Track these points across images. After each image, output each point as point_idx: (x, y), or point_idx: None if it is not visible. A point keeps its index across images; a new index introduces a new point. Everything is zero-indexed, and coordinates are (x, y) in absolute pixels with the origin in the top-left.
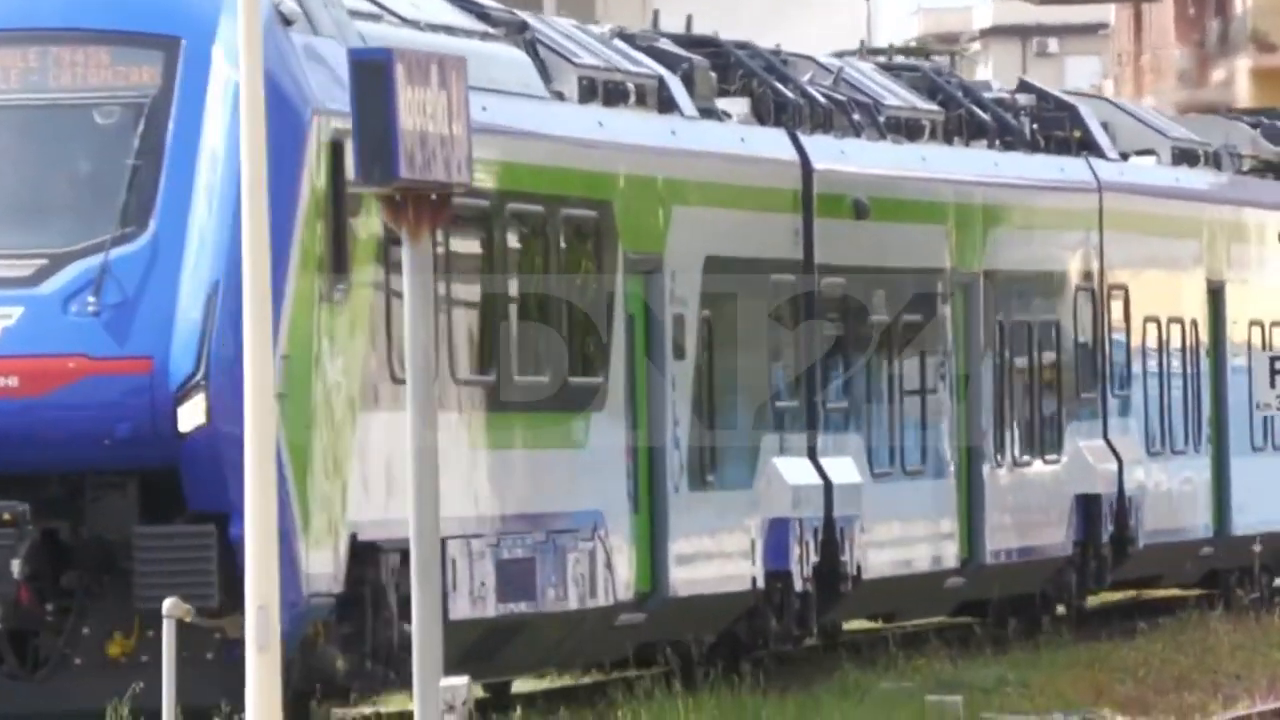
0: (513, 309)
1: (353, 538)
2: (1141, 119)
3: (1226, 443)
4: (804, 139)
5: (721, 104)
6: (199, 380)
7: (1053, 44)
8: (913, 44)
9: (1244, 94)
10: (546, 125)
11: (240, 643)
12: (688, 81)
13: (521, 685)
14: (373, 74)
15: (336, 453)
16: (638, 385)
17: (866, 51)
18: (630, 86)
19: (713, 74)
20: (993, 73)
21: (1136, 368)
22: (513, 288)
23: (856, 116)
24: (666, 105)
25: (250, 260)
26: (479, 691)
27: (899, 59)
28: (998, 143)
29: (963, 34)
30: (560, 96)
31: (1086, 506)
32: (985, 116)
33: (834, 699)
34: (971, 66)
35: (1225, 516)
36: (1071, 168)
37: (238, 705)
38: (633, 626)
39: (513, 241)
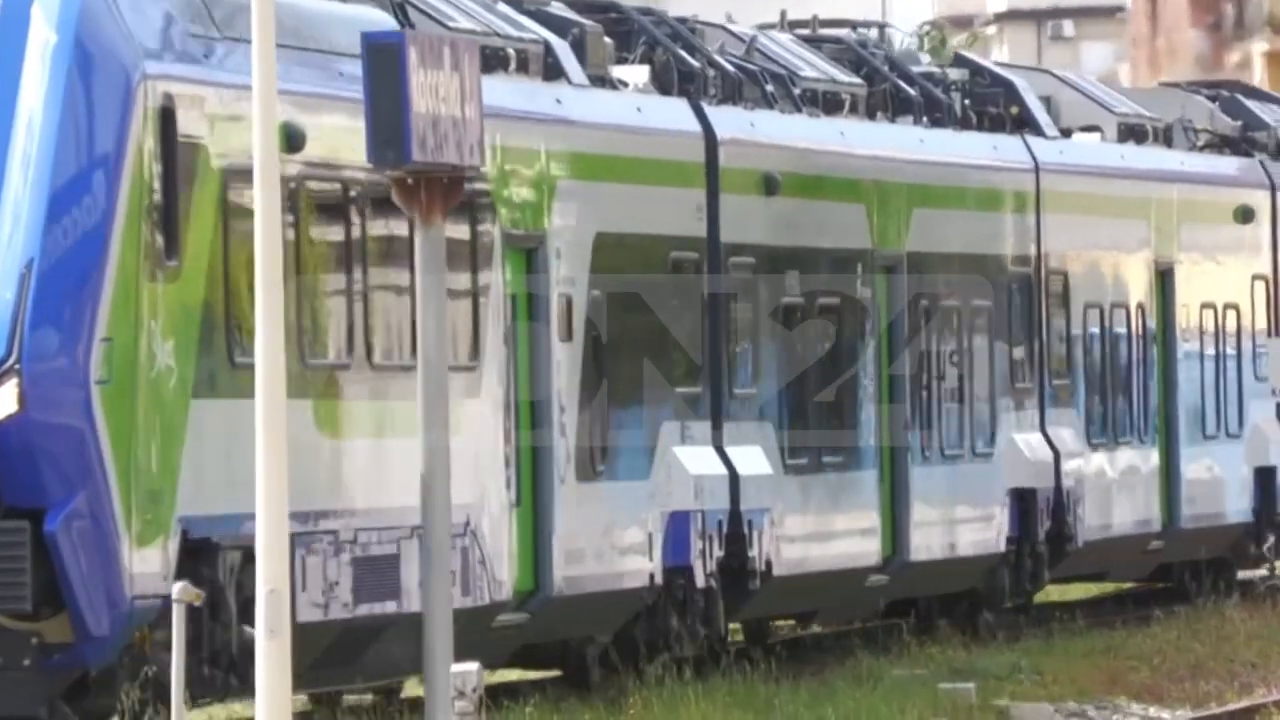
0: (373, 289)
1: (184, 535)
2: (1087, 93)
3: (1176, 432)
4: (709, 109)
5: (619, 72)
6: (11, 365)
7: (1068, 27)
8: (927, 28)
9: (1260, 77)
10: None
11: (60, 648)
12: (578, 48)
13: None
14: (385, 57)
15: (166, 443)
16: (520, 370)
17: (788, 24)
18: (511, 52)
19: (609, 40)
20: (1008, 56)
21: (1077, 356)
22: (372, 266)
23: (770, 88)
24: (553, 73)
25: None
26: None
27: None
28: (925, 119)
29: (977, 17)
30: None
31: (1021, 502)
32: (913, 91)
33: (847, 686)
34: (986, 49)
35: (1175, 509)
36: (1006, 146)
37: (60, 714)
38: (514, 627)
39: (372, 218)
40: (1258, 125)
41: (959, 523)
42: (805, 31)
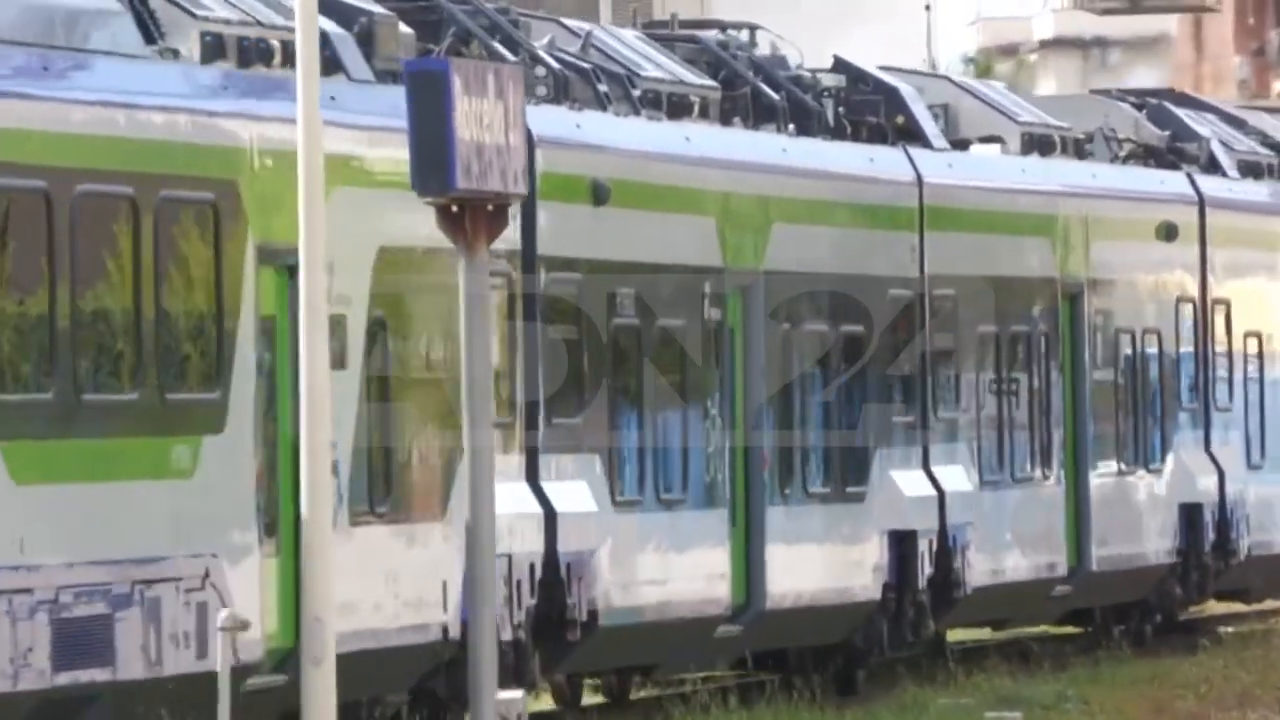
0: (87, 311)
1: None
2: (989, 102)
3: (1087, 467)
4: (528, 108)
5: None
6: None
7: (1114, 55)
8: (971, 56)
9: None
10: (134, 88)
11: None
12: (365, 39)
13: None
14: (429, 84)
15: None
16: (280, 401)
17: (643, 25)
18: (274, 44)
19: (409, 31)
20: (1054, 84)
21: (968, 385)
22: (86, 286)
23: (604, 88)
24: (329, 67)
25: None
26: None
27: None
28: (791, 127)
29: (1023, 45)
30: (173, 55)
31: (900, 545)
32: (776, 97)
33: (892, 715)
34: (1031, 78)
35: (1084, 550)
36: (885, 158)
37: None
38: (269, 690)
39: (86, 228)
40: (1188, 136)
41: (826, 568)
42: (662, 31)
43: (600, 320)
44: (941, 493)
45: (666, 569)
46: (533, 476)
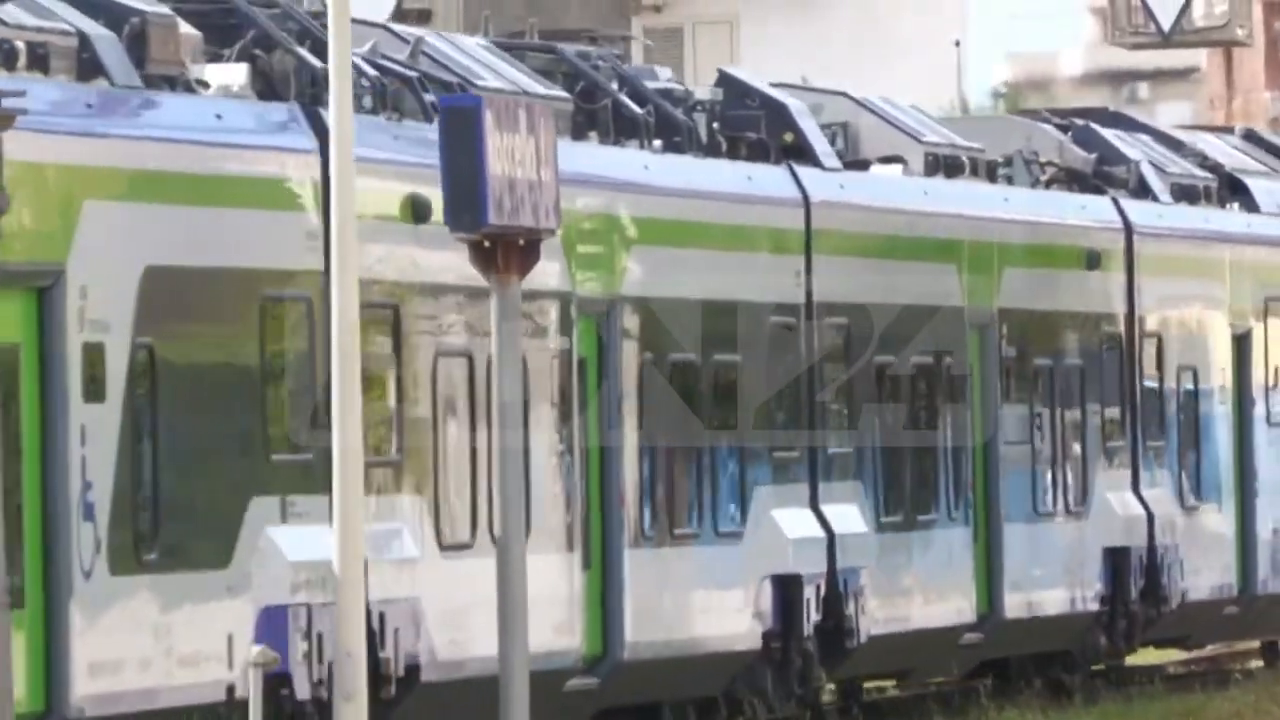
0: None
1: None
2: (891, 120)
3: (999, 510)
4: (331, 118)
5: (211, 71)
6: None
7: (1143, 89)
8: (1001, 91)
9: None
10: None
11: None
12: (137, 42)
13: None
14: (462, 120)
15: None
16: (27, 439)
17: (504, 35)
18: (21, 46)
19: (194, 33)
20: None
21: (863, 421)
22: None
23: (432, 98)
24: (89, 71)
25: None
26: None
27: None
28: (657, 142)
29: (1053, 80)
30: None
31: (785, 592)
32: (639, 110)
33: None
34: None
35: (997, 597)
36: (766, 177)
37: None
38: None
39: None
40: (1116, 159)
41: (698, 616)
42: (514, 40)
43: (422, 349)
44: (831, 534)
45: (482, 617)
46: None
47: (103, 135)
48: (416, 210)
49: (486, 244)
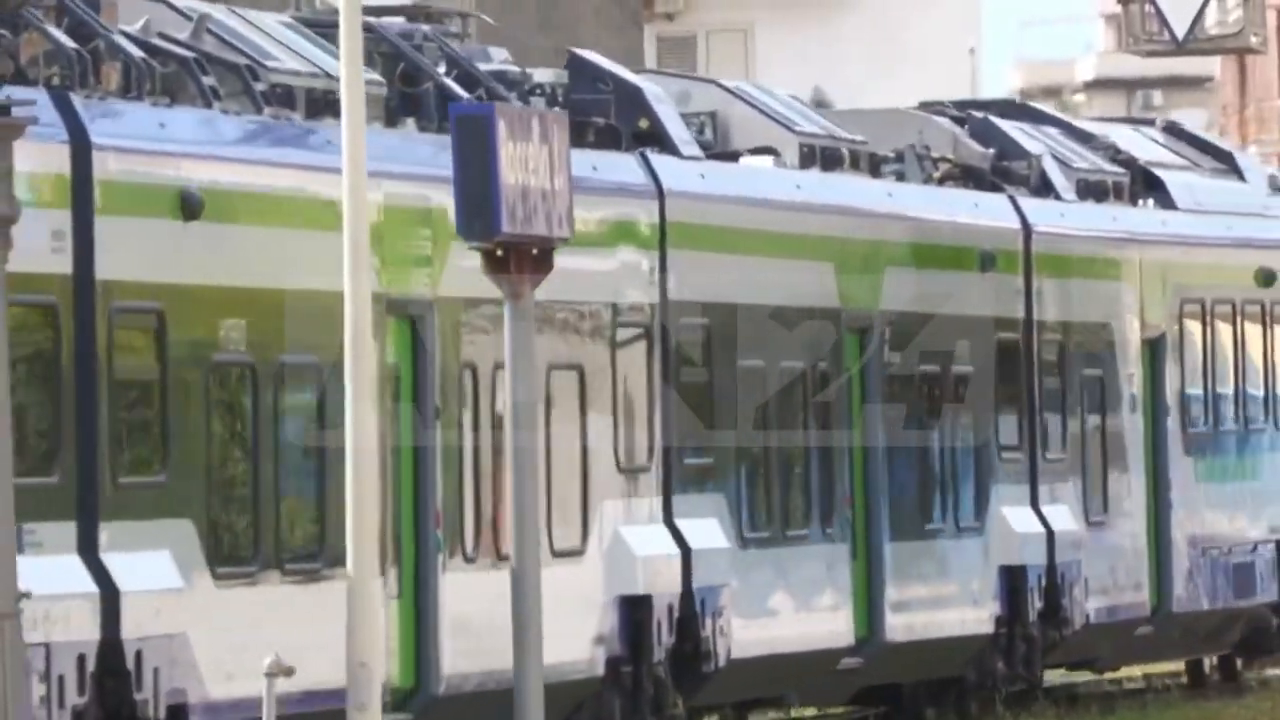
0: None
1: None
2: (765, 109)
3: (880, 526)
4: (80, 104)
5: None
6: None
7: (1157, 96)
8: (1016, 97)
9: None
10: None
11: None
12: None
13: None
14: (475, 129)
15: None
16: None
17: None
18: None
19: None
20: None
21: (724, 430)
22: None
23: (211, 81)
24: None
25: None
26: None
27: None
28: None
29: (1065, 86)
30: None
31: (631, 611)
32: (465, 95)
33: None
34: (1075, 118)
35: (877, 620)
36: (613, 165)
37: None
38: None
39: None
40: (1015, 154)
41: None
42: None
43: (197, 357)
44: (688, 551)
45: (293, 652)
46: (90, 547)
47: None
48: (186, 205)
49: (499, 253)
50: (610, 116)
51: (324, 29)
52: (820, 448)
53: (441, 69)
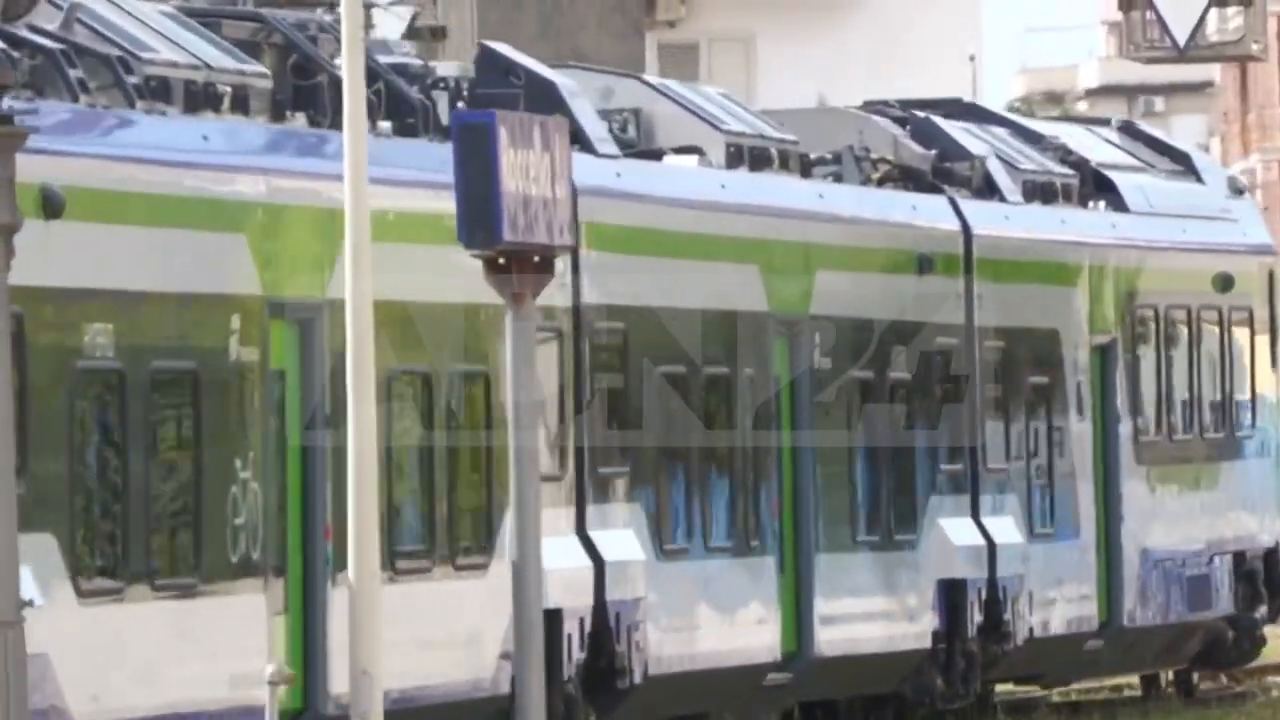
0: None
1: None
2: (690, 107)
3: (809, 536)
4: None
5: None
6: None
7: (1159, 103)
8: (1017, 105)
9: None
10: None
11: None
12: None
13: None
14: (476, 137)
15: None
16: None
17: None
18: None
19: None
20: None
21: (641, 439)
22: None
23: (79, 74)
24: None
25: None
26: None
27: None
28: (385, 124)
29: (1068, 93)
30: None
31: (549, 629)
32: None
33: None
34: None
35: (806, 635)
36: None
37: None
38: None
39: None
40: (958, 155)
41: (434, 661)
42: (218, 7)
43: (57, 365)
44: (600, 563)
45: (167, 674)
46: None
47: None
48: (48, 203)
49: (501, 261)
50: (519, 111)
51: (208, 19)
52: (746, 456)
53: (337, 61)
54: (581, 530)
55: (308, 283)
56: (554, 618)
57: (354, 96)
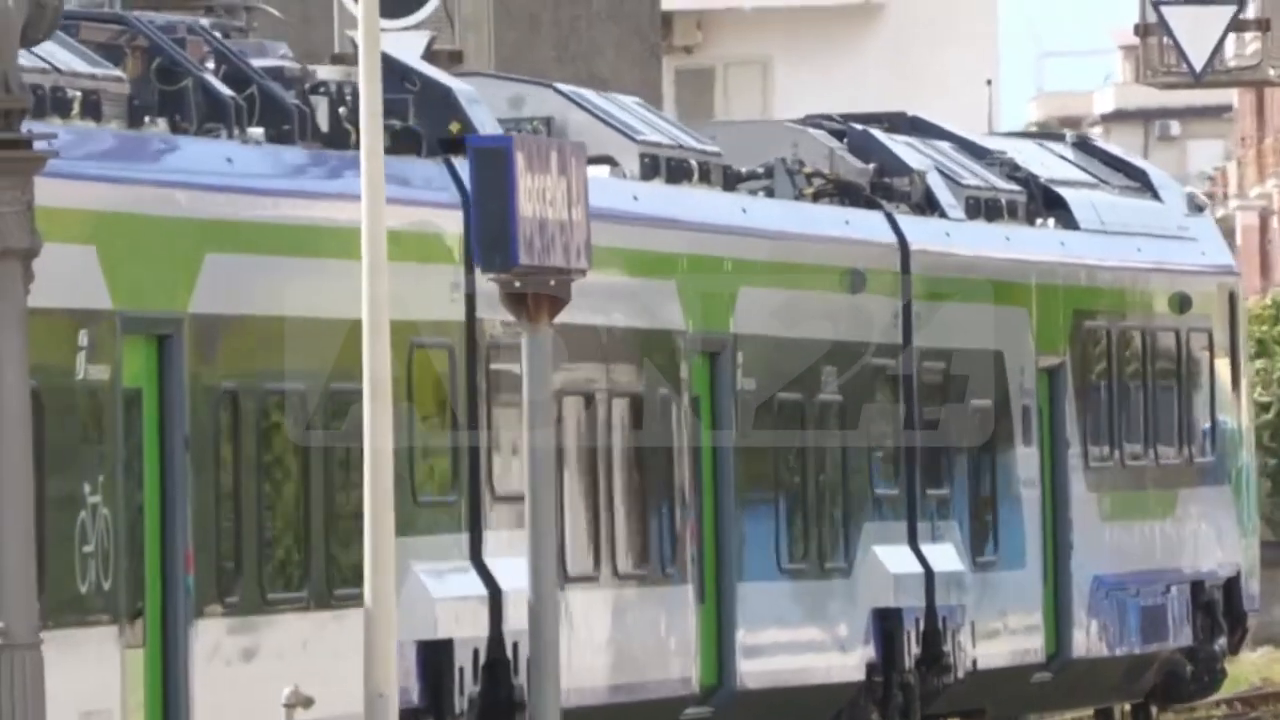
0: None
1: None
2: (604, 117)
3: (731, 563)
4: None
5: None
6: None
7: (1175, 127)
8: (1033, 130)
9: None
10: None
11: None
12: None
13: None
14: (492, 161)
15: None
16: None
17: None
18: None
19: None
20: None
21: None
22: None
23: None
24: None
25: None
26: None
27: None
28: (257, 131)
29: (1085, 118)
30: None
31: (429, 658)
32: (227, 93)
33: None
34: None
35: (728, 668)
36: (410, 173)
37: None
38: None
39: None
40: (898, 169)
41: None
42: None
43: None
44: (497, 592)
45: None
46: None
47: None
48: None
49: (516, 284)
50: (409, 118)
51: (67, 21)
52: (661, 479)
53: (212, 65)
54: (476, 558)
55: (163, 296)
56: (444, 649)
57: (371, 120)
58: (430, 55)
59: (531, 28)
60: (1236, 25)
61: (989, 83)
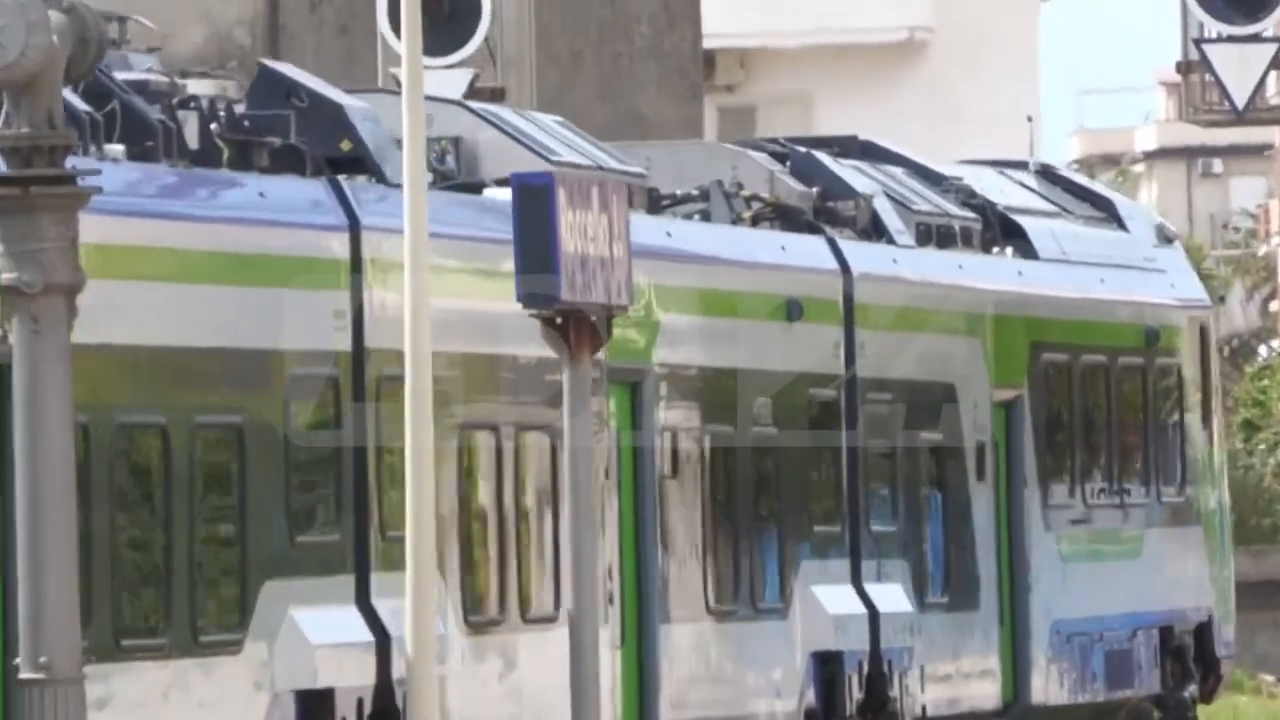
0: None
1: None
2: (518, 137)
3: (653, 605)
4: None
5: None
6: None
7: (1217, 165)
8: (1075, 166)
9: None
10: None
11: None
12: None
13: None
14: (535, 197)
15: None
16: None
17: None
18: None
19: None
20: (1157, 193)
21: (446, 503)
22: None
23: None
24: None
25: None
26: None
27: None
28: (117, 148)
29: (1125, 155)
30: None
31: (308, 710)
32: (84, 108)
33: None
34: (1135, 188)
35: (651, 713)
36: (291, 195)
37: None
38: None
39: None
40: (843, 194)
41: None
42: None
43: None
44: (386, 637)
45: None
46: None
47: None
48: None
49: (558, 320)
50: (291, 135)
51: None
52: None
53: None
54: (364, 602)
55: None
56: (324, 698)
57: (414, 153)
58: (473, 93)
59: (574, 65)
60: (1278, 63)
61: (1030, 119)
